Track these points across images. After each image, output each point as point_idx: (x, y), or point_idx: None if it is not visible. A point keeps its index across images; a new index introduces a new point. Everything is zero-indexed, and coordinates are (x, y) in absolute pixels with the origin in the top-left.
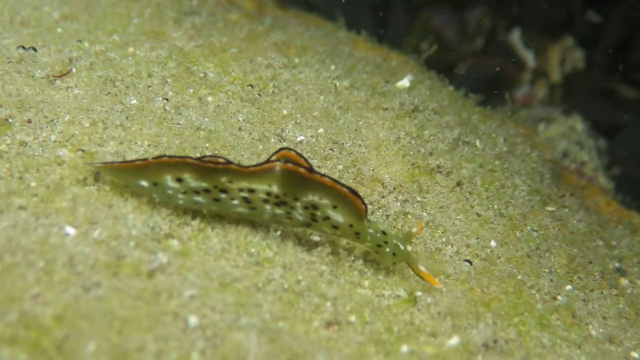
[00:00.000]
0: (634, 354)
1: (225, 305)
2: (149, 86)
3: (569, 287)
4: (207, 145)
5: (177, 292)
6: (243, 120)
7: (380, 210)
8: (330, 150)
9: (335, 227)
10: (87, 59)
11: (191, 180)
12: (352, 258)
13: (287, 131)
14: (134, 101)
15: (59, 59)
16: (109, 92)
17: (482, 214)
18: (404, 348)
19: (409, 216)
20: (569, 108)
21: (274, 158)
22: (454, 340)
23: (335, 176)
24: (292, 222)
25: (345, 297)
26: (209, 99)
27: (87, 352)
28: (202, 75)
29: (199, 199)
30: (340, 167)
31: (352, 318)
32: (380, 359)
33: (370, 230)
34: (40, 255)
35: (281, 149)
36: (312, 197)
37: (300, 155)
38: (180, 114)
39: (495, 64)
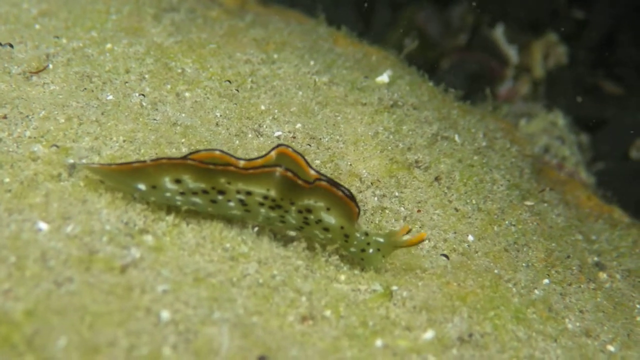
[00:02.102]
0: (610, 347)
1: (198, 300)
2: (126, 82)
3: (546, 281)
4: (183, 140)
5: (150, 287)
6: (220, 115)
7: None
8: (308, 146)
9: (326, 229)
10: (64, 55)
11: (190, 182)
12: (328, 253)
13: (264, 126)
14: (111, 97)
15: (36, 55)
16: (85, 88)
17: (460, 209)
18: (378, 342)
19: (387, 211)
20: (551, 103)
21: (273, 154)
22: (429, 334)
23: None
24: (284, 225)
25: (321, 291)
26: (187, 94)
27: (58, 346)
28: (180, 71)
29: (196, 200)
30: (317, 162)
31: (327, 312)
32: (354, 353)
33: (357, 234)
34: (12, 250)
35: (279, 145)
36: (308, 201)
37: (297, 153)
38: (157, 109)
39: (479, 60)
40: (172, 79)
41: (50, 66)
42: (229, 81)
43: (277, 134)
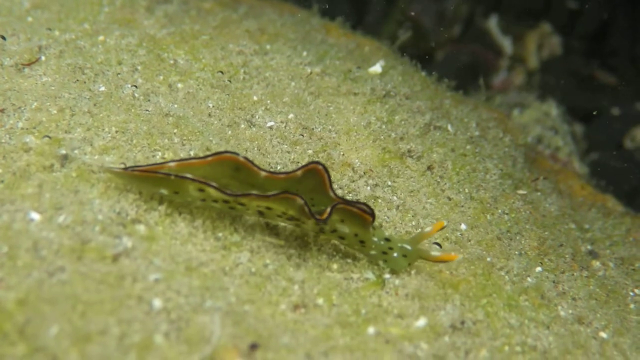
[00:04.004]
0: (603, 334)
1: (190, 288)
2: (118, 73)
3: (538, 269)
4: (175, 131)
5: (142, 275)
6: (213, 106)
7: (351, 195)
8: (300, 136)
9: (341, 237)
10: (56, 47)
11: (213, 192)
12: (320, 242)
13: (257, 117)
14: (103, 88)
15: (28, 47)
16: (77, 80)
17: (452, 198)
18: (371, 329)
19: (379, 200)
20: (545, 93)
21: (299, 172)
22: (421, 322)
23: (305, 161)
24: (300, 229)
25: (313, 280)
26: (179, 85)
27: (49, 335)
28: (172, 62)
29: (216, 205)
30: (310, 152)
31: (320, 301)
32: (347, 341)
33: (375, 239)
34: (4, 240)
35: (311, 162)
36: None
37: (326, 172)
38: (149, 100)
39: (473, 52)
40: (164, 70)
41: (43, 58)
42: (222, 72)
43: (269, 124)
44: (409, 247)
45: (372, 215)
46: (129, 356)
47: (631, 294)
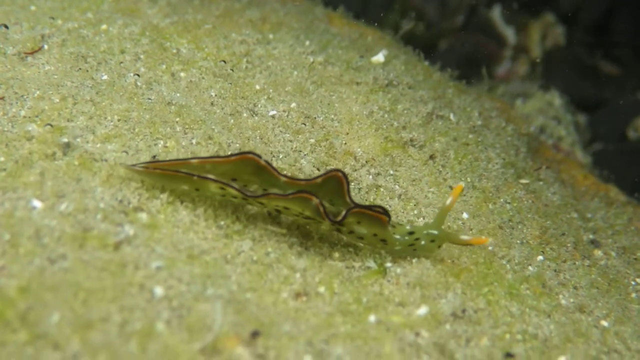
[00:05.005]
0: (604, 323)
1: (192, 276)
2: (121, 62)
3: (540, 257)
4: (177, 119)
5: (144, 263)
6: (215, 95)
7: (353, 184)
8: (303, 125)
9: (360, 237)
10: (59, 36)
11: (234, 191)
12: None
13: (259, 106)
14: (105, 77)
15: (31, 36)
16: (80, 68)
17: (454, 187)
18: (372, 318)
19: (382, 189)
20: (548, 83)
21: (319, 180)
22: (423, 310)
23: (307, 150)
24: (316, 228)
25: (315, 268)
26: (182, 74)
27: (51, 322)
28: (175, 51)
29: (235, 200)
30: (312, 140)
31: (321, 289)
32: (348, 329)
33: (397, 236)
34: (6, 228)
35: (331, 170)
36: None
37: (346, 179)
38: (151, 89)
39: (477, 42)
40: (167, 59)
41: (45, 47)
42: (224, 61)
43: (271, 113)
44: (435, 232)
45: (388, 215)
46: (131, 343)
47: (633, 283)
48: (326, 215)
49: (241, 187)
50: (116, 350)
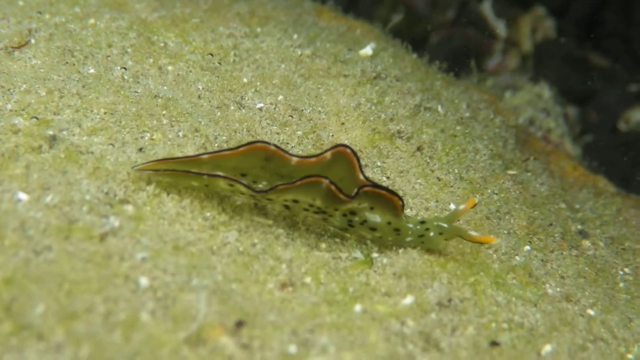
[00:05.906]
0: (590, 312)
1: (177, 267)
2: (108, 56)
3: (527, 247)
4: (164, 112)
5: (129, 254)
6: (202, 88)
7: None
8: (290, 117)
9: (373, 229)
10: (46, 30)
11: (242, 188)
12: (310, 221)
13: (246, 99)
14: (92, 70)
15: (18, 30)
16: (66, 62)
17: (442, 178)
18: (357, 307)
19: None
20: (537, 75)
21: (328, 154)
22: (408, 300)
23: (294, 142)
24: (327, 223)
25: (301, 259)
26: (169, 68)
27: (36, 313)
28: (162, 45)
29: (243, 198)
30: (299, 133)
31: (307, 279)
32: (333, 318)
33: (410, 225)
34: None
35: (338, 145)
36: (351, 205)
37: (355, 155)
38: (138, 82)
39: (467, 36)
40: (154, 53)
41: (32, 41)
42: (212, 54)
43: (258, 105)
44: (445, 225)
45: (401, 199)
46: (115, 333)
47: (621, 272)
48: (338, 189)
49: (250, 184)
50: (100, 341)
